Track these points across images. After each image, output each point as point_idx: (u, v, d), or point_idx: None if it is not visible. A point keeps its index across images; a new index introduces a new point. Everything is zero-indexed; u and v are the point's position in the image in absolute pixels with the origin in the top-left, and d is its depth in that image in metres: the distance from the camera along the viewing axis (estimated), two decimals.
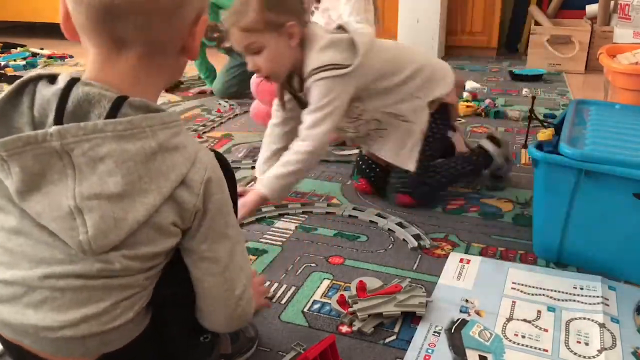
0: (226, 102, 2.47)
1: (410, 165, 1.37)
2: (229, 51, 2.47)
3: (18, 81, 0.62)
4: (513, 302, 1.02)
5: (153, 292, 0.69)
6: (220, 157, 0.72)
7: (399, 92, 1.33)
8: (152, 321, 0.70)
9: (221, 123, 2.20)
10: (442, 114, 1.38)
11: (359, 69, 1.23)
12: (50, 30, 4.59)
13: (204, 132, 2.07)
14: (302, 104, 1.32)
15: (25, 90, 0.61)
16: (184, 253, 0.69)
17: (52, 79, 0.62)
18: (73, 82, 0.60)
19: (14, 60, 3.37)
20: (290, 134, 1.40)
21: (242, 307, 0.73)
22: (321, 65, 1.22)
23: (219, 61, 2.64)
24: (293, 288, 1.08)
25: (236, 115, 2.31)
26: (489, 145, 1.52)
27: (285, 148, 1.38)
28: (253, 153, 1.80)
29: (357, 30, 1.27)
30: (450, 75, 1.39)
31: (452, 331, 0.94)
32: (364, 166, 1.50)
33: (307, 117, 1.26)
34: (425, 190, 1.40)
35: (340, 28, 1.30)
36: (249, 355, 0.89)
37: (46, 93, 0.60)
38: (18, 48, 3.76)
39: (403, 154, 1.38)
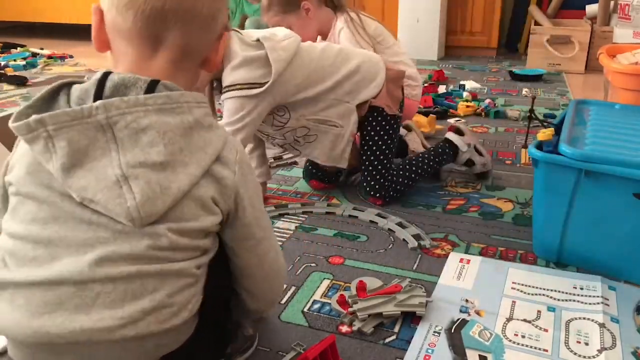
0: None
1: (343, 164, 1.41)
2: None
3: (53, 84, 0.64)
4: (513, 302, 1.02)
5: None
6: None
7: (326, 99, 1.32)
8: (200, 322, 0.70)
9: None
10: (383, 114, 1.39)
11: (275, 85, 1.23)
12: (50, 30, 4.60)
13: None
14: None
15: (61, 90, 0.63)
16: (229, 241, 0.72)
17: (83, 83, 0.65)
18: (108, 73, 0.64)
19: (14, 60, 3.37)
20: (256, 135, 1.44)
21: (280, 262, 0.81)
22: (232, 83, 1.22)
23: None
24: (293, 288, 1.08)
25: None
26: (452, 136, 1.57)
27: (258, 147, 1.48)
28: None
29: (277, 45, 1.23)
30: (381, 76, 1.38)
31: (452, 331, 0.94)
32: (310, 167, 1.52)
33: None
34: (393, 191, 1.43)
35: (258, 41, 1.24)
36: (248, 355, 0.89)
37: (83, 86, 0.63)
38: (18, 48, 3.76)
39: (334, 155, 1.40)
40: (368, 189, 1.43)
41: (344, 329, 0.96)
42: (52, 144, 0.58)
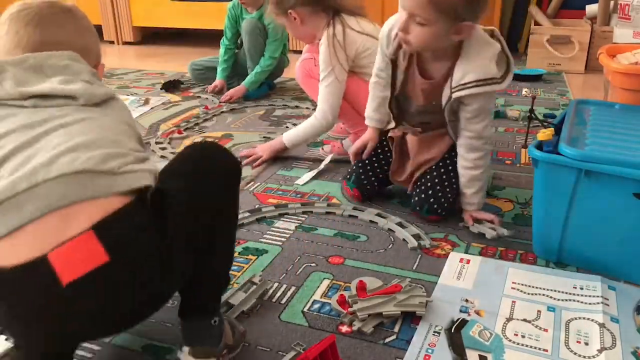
0: (217, 98, 2.49)
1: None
2: None
3: None
4: (513, 302, 1.02)
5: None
6: (227, 152, 0.84)
7: None
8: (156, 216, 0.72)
9: (205, 119, 2.22)
10: None
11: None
12: None
13: (202, 132, 2.08)
14: (402, 82, 1.32)
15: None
16: None
17: None
18: None
19: None
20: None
21: None
22: (486, 78, 1.19)
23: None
24: (293, 288, 1.08)
25: (222, 112, 2.32)
26: None
27: (387, 98, 1.39)
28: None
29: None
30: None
31: (452, 331, 0.94)
32: (362, 176, 1.45)
33: (476, 126, 1.26)
34: (451, 207, 1.35)
35: (493, 36, 1.24)
36: (238, 351, 0.90)
37: None
38: None
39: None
40: (436, 206, 1.33)
41: (344, 329, 0.96)
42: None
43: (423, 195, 1.34)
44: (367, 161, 1.47)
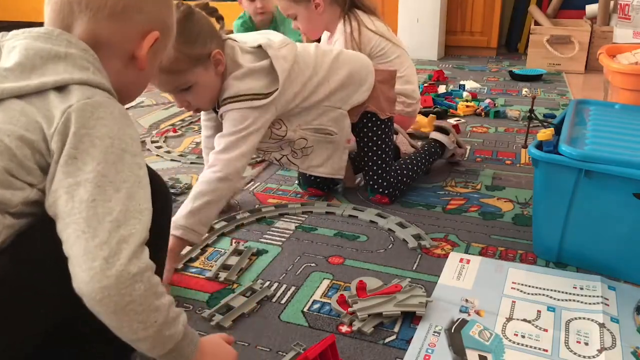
0: None
1: (341, 174, 1.40)
2: None
3: None
4: (513, 302, 1.02)
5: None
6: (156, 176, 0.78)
7: (319, 107, 1.31)
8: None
9: (191, 122, 2.21)
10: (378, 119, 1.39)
11: (279, 95, 1.21)
12: None
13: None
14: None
15: None
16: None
17: None
18: None
19: None
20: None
21: None
22: (237, 94, 1.18)
23: None
24: (293, 288, 1.08)
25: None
26: (438, 136, 1.64)
27: None
28: None
29: (278, 54, 1.21)
30: (370, 80, 1.37)
31: (452, 331, 0.94)
32: (308, 175, 1.46)
33: (220, 140, 1.18)
34: (398, 189, 1.45)
35: (259, 47, 1.22)
36: None
37: None
38: None
39: (333, 165, 1.38)
40: (376, 186, 1.43)
41: (344, 329, 0.96)
42: None
43: (367, 178, 1.45)
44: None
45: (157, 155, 1.82)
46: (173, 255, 1.06)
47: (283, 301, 1.04)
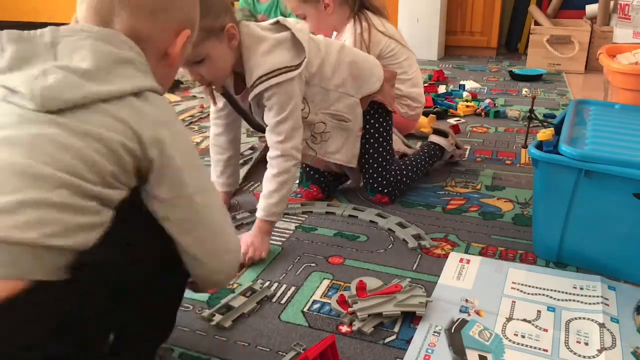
0: None
1: (354, 162, 1.40)
2: None
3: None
4: (513, 302, 1.02)
5: None
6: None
7: (335, 92, 1.31)
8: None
9: (200, 118, 2.23)
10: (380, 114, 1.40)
11: (306, 66, 1.20)
12: None
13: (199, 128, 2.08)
14: (235, 105, 1.29)
15: None
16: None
17: None
18: None
19: None
20: (235, 141, 1.41)
21: None
22: (272, 69, 1.16)
23: None
24: (293, 288, 1.08)
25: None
26: (437, 139, 1.64)
27: (235, 156, 1.42)
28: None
29: (296, 26, 1.22)
30: (379, 72, 1.38)
31: (452, 331, 0.94)
32: (312, 172, 1.47)
33: (275, 128, 1.20)
34: (398, 189, 1.45)
35: (278, 23, 1.23)
36: None
37: None
38: None
39: (347, 152, 1.38)
40: (376, 185, 1.43)
41: (344, 329, 0.96)
42: (2, 49, 0.64)
43: (367, 176, 1.44)
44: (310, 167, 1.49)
45: None
46: (268, 237, 1.22)
47: (283, 301, 1.04)
